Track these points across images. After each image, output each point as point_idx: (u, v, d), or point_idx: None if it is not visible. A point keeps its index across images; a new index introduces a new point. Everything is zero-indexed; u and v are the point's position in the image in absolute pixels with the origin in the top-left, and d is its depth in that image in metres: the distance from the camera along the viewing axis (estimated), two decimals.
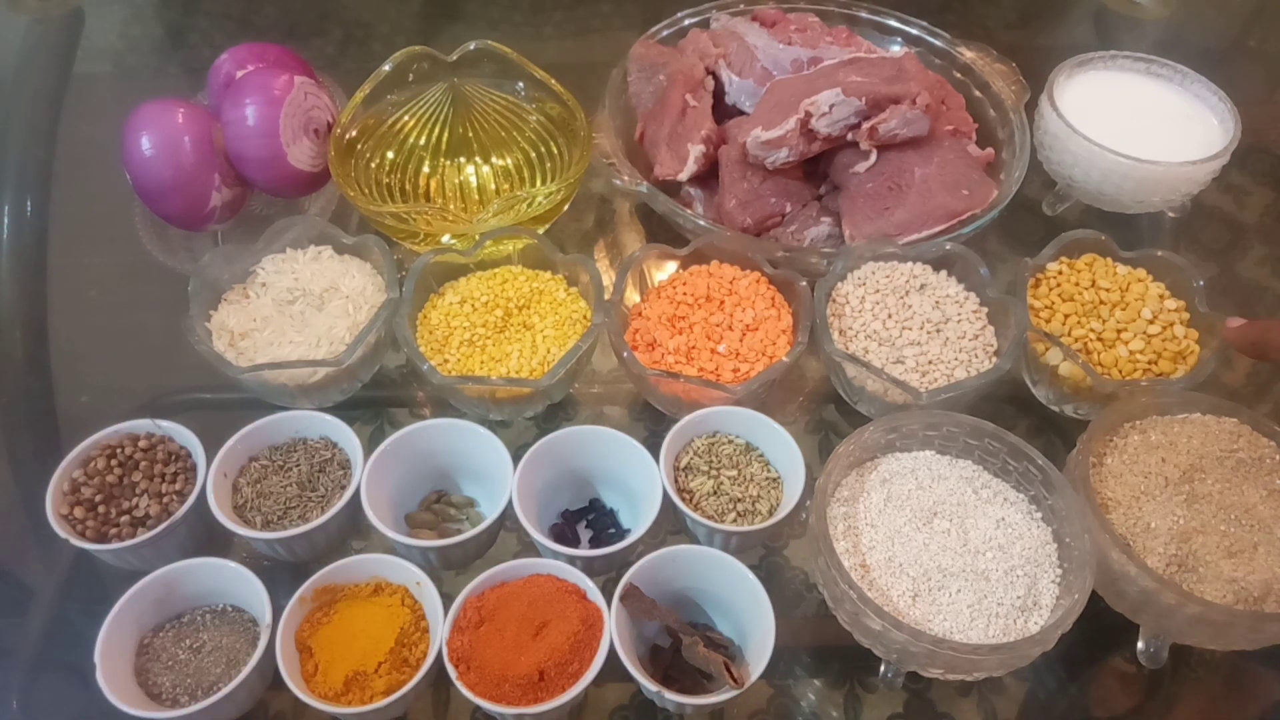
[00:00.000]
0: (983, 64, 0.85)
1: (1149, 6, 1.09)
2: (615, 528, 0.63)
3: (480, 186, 0.82)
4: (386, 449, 0.61)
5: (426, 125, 0.82)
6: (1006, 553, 0.56)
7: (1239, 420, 0.61)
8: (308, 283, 0.70)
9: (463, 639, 0.53)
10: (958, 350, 0.66)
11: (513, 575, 0.56)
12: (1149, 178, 0.75)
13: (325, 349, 0.67)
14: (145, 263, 0.78)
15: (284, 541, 0.58)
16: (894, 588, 0.55)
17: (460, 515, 0.64)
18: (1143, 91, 0.83)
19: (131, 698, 0.52)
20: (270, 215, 0.79)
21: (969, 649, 0.51)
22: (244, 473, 0.62)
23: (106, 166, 0.77)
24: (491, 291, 0.69)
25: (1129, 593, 0.55)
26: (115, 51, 1.03)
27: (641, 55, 0.83)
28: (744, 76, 0.78)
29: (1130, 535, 0.57)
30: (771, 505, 0.61)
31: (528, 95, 0.83)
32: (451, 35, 1.06)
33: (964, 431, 0.60)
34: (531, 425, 0.70)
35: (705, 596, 0.58)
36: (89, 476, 0.60)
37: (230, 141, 0.72)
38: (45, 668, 0.60)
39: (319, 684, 0.53)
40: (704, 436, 0.64)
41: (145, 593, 0.55)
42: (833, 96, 0.70)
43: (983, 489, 0.59)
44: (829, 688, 0.59)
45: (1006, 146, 0.80)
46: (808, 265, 0.71)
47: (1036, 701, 0.60)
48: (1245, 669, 0.61)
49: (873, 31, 0.89)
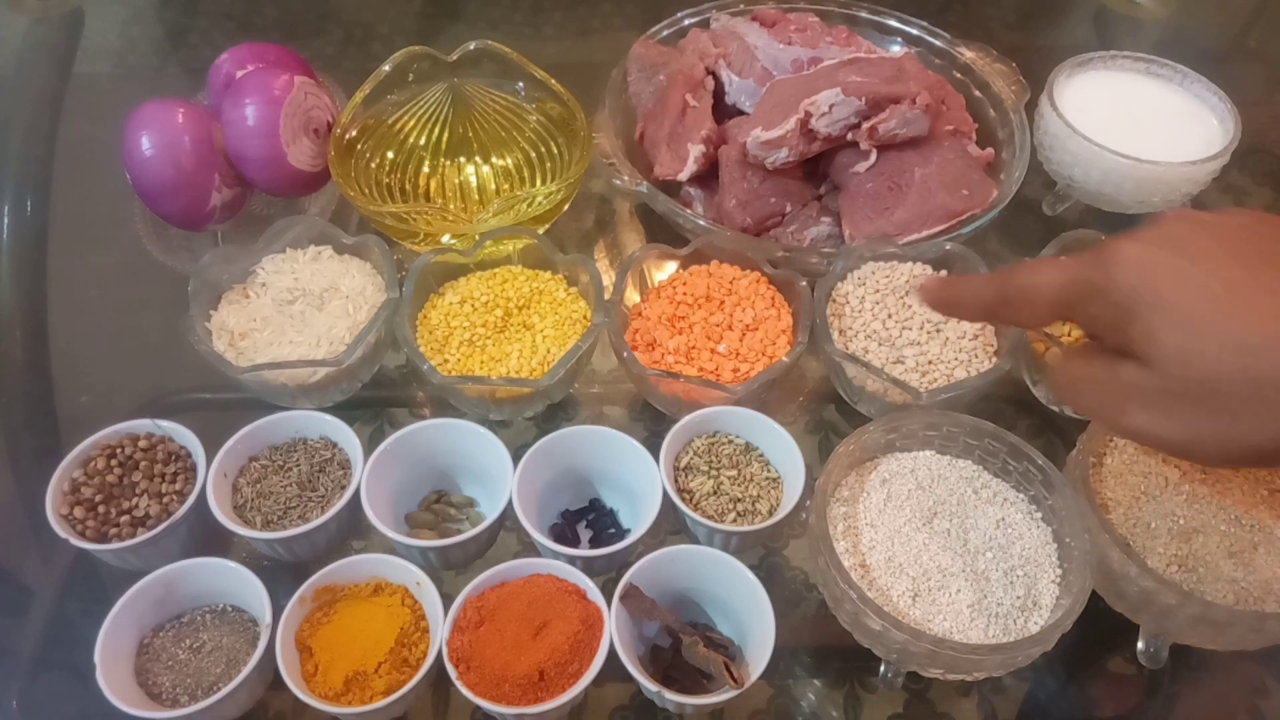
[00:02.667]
0: (983, 64, 0.85)
1: (1149, 6, 1.09)
2: (615, 528, 0.63)
3: (480, 186, 0.82)
4: (386, 449, 0.61)
5: (426, 125, 0.82)
6: (1006, 553, 0.56)
7: None
8: (308, 283, 0.70)
9: (463, 639, 0.53)
10: (958, 350, 0.66)
11: (513, 575, 0.56)
12: (1149, 178, 0.75)
13: (325, 349, 0.67)
14: (145, 263, 0.78)
15: (284, 541, 0.58)
16: (894, 588, 0.55)
17: (460, 515, 0.64)
18: (1143, 91, 0.83)
19: (131, 698, 0.52)
20: (270, 215, 0.79)
21: (969, 649, 0.51)
22: (244, 473, 0.62)
23: (106, 166, 0.77)
24: (491, 291, 0.69)
25: (1129, 593, 0.55)
26: (115, 51, 1.03)
27: (641, 55, 0.83)
28: (744, 76, 0.78)
29: (1130, 535, 0.57)
30: (771, 505, 0.61)
31: (528, 95, 0.83)
32: (451, 35, 1.06)
33: (964, 431, 0.60)
34: (531, 425, 0.70)
35: (705, 596, 0.58)
36: (89, 476, 0.60)
37: (230, 141, 0.72)
38: (45, 668, 0.60)
39: (319, 684, 0.53)
40: (704, 436, 0.64)
41: (145, 593, 0.55)
42: (833, 96, 0.70)
43: (983, 489, 0.59)
44: (829, 688, 0.59)
45: (1006, 146, 0.80)
46: (808, 265, 0.71)
47: (1036, 701, 0.60)
48: (1245, 669, 0.61)
49: (873, 31, 0.89)
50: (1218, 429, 0.35)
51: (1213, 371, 0.34)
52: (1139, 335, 0.37)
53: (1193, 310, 0.35)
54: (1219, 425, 0.35)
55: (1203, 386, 0.35)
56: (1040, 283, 0.41)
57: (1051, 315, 0.42)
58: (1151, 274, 0.37)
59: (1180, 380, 0.35)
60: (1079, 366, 0.41)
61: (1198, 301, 0.35)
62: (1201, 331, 0.35)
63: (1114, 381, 0.38)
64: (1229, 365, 0.34)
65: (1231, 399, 0.34)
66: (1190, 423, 0.36)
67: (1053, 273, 0.41)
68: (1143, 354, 0.37)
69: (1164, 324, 0.36)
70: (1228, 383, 0.34)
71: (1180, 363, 0.35)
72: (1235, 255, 0.36)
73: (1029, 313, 0.42)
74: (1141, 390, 0.37)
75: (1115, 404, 0.39)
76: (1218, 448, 0.36)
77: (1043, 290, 0.41)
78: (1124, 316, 0.37)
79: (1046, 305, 0.41)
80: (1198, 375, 0.35)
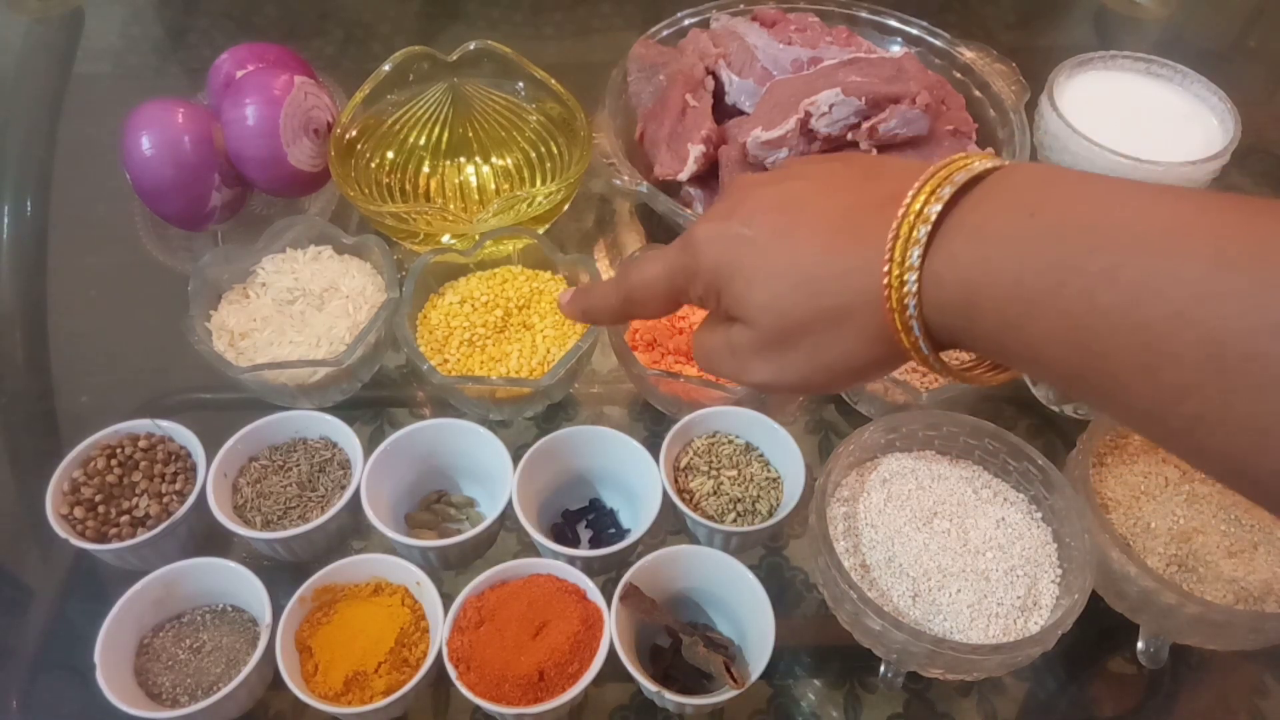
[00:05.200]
0: (983, 64, 0.85)
1: (1149, 6, 1.09)
2: (615, 528, 0.63)
3: (480, 186, 0.82)
4: (386, 449, 0.61)
5: (426, 125, 0.82)
6: (1006, 553, 0.56)
7: None
8: (308, 283, 0.70)
9: (463, 639, 0.53)
10: None
11: (513, 575, 0.56)
12: (1149, 178, 0.75)
13: (325, 349, 0.67)
14: (145, 263, 0.78)
15: (284, 541, 0.58)
16: (894, 588, 0.55)
17: (460, 515, 0.64)
18: (1143, 91, 0.83)
19: (131, 698, 0.52)
20: (270, 215, 0.79)
21: (969, 649, 0.51)
22: (244, 473, 0.62)
23: (106, 166, 0.77)
24: (491, 291, 0.69)
25: (1129, 593, 0.55)
26: (115, 51, 1.03)
27: (641, 55, 0.83)
28: (744, 76, 0.78)
29: (1130, 535, 0.57)
30: (771, 505, 0.61)
31: (528, 95, 0.83)
32: (451, 35, 1.06)
33: (964, 431, 0.60)
34: (531, 425, 0.70)
35: (705, 596, 0.58)
36: (89, 476, 0.60)
37: (230, 141, 0.72)
38: (45, 668, 0.60)
39: (319, 684, 0.53)
40: (704, 436, 0.64)
41: (145, 593, 0.55)
42: (832, 96, 0.70)
43: (983, 489, 0.59)
44: (829, 688, 0.59)
45: (1006, 146, 0.80)
46: None
47: (1036, 701, 0.60)
48: (1245, 669, 0.61)
49: (873, 31, 0.89)
50: (811, 360, 0.39)
51: (791, 314, 0.38)
52: (732, 302, 0.40)
53: (761, 267, 0.39)
54: (811, 356, 0.39)
55: (791, 329, 0.39)
56: (649, 278, 0.45)
57: (670, 304, 0.45)
58: (722, 247, 0.40)
59: (774, 330, 0.39)
60: (703, 337, 0.44)
61: (763, 258, 0.39)
62: (772, 283, 0.38)
63: (729, 345, 0.42)
64: (800, 305, 0.38)
65: (810, 331, 0.38)
66: (793, 362, 0.40)
67: (657, 267, 0.44)
68: (742, 316, 0.40)
69: (745, 287, 0.39)
70: (803, 320, 0.38)
71: (769, 314, 0.39)
72: (781, 206, 0.40)
73: (653, 306, 0.46)
74: (750, 347, 0.41)
75: (737, 364, 0.42)
76: (821, 377, 0.40)
77: (652, 285, 0.45)
78: (717, 290, 0.41)
79: (661, 297, 0.45)
80: (783, 321, 0.39)
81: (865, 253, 0.36)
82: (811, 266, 0.38)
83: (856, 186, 0.39)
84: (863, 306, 0.36)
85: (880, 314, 0.36)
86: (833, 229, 0.38)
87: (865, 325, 0.37)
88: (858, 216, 0.37)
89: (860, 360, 0.38)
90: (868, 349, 0.38)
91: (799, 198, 0.40)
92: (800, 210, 0.39)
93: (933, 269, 0.34)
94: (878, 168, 0.41)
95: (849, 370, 0.39)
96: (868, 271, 0.36)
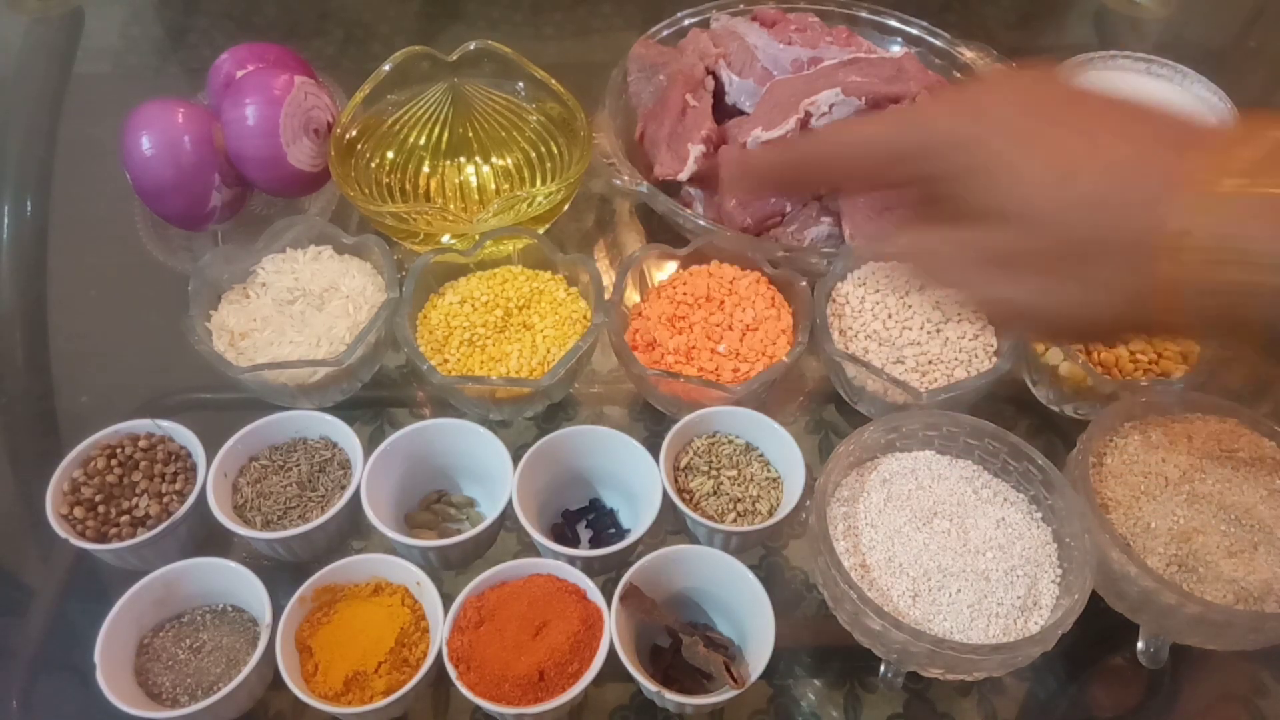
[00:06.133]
0: (983, 64, 0.85)
1: (1149, 6, 1.09)
2: (615, 528, 0.63)
3: (480, 186, 0.82)
4: (386, 449, 0.61)
5: (426, 125, 0.82)
6: (1006, 553, 0.56)
7: (1239, 420, 0.61)
8: (308, 283, 0.70)
9: (463, 639, 0.53)
10: (958, 350, 0.66)
11: (513, 575, 0.56)
12: None
13: (325, 349, 0.67)
14: (145, 263, 0.78)
15: (284, 541, 0.58)
16: (894, 588, 0.55)
17: (460, 515, 0.64)
18: (1143, 91, 0.82)
19: (131, 698, 0.52)
20: (270, 215, 0.79)
21: (969, 649, 0.51)
22: (244, 473, 0.62)
23: (106, 166, 0.77)
24: (491, 291, 0.69)
25: (1129, 593, 0.55)
26: (115, 51, 1.03)
27: (641, 55, 0.83)
28: (744, 76, 0.78)
29: (1130, 535, 0.57)
30: (771, 505, 0.61)
31: (528, 95, 0.83)
32: (451, 35, 1.05)
33: (964, 431, 0.60)
34: (531, 425, 0.70)
35: (705, 596, 0.58)
36: (89, 476, 0.60)
37: (230, 141, 0.72)
38: (45, 668, 0.60)
39: (319, 684, 0.53)
40: (704, 436, 0.64)
41: (145, 593, 0.55)
42: (832, 96, 0.70)
43: (983, 489, 0.59)
44: (829, 688, 0.59)
45: None
46: (808, 265, 0.71)
47: (1036, 701, 0.60)
48: (1245, 669, 0.61)
49: (873, 31, 0.89)
50: (1069, 292, 0.33)
51: (1078, 227, 0.32)
52: (990, 194, 0.33)
53: (1046, 160, 0.33)
54: (1070, 288, 0.33)
55: (1056, 246, 0.32)
56: (866, 137, 0.36)
57: (876, 176, 0.37)
58: (986, 126, 0.33)
59: (1053, 241, 0.32)
60: (923, 239, 0.36)
61: (1052, 150, 0.33)
62: (1067, 185, 0.32)
63: (975, 248, 0.34)
64: (1083, 222, 0.32)
65: (1085, 257, 0.32)
66: (1046, 288, 0.33)
67: (879, 128, 0.36)
68: (1003, 214, 0.33)
69: (1012, 180, 0.33)
70: (1080, 242, 0.32)
71: (1049, 221, 0.32)
72: (1076, 101, 0.34)
73: (857, 173, 0.37)
74: (996, 253, 0.34)
75: (982, 276, 0.35)
76: (1075, 312, 0.33)
77: (868, 144, 0.36)
78: (964, 173, 0.34)
79: (869, 165, 0.36)
80: (1068, 234, 0.32)
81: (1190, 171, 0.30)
82: (1128, 175, 0.32)
83: (1154, 116, 0.34)
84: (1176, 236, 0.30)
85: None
86: (1150, 143, 0.33)
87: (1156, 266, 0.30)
88: (1167, 143, 0.32)
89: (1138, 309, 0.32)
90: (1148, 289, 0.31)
91: (1094, 105, 0.34)
92: (1103, 116, 0.34)
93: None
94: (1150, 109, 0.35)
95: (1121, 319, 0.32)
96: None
